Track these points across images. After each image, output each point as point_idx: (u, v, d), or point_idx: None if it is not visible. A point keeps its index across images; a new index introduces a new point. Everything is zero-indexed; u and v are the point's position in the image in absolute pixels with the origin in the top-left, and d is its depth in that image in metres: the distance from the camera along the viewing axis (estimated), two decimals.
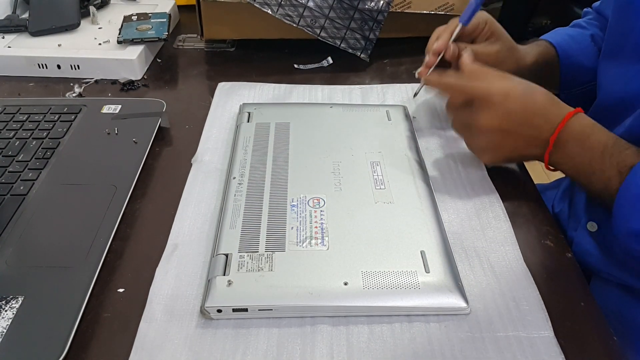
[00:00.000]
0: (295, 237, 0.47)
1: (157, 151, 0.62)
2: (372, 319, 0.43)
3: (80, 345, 0.41)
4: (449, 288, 0.43)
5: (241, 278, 0.43)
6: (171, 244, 0.49)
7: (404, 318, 0.43)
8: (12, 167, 0.57)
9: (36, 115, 0.65)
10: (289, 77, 0.77)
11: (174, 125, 0.66)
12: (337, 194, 0.52)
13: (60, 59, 0.76)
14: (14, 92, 0.74)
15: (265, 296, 0.43)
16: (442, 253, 0.46)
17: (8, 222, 0.50)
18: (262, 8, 0.75)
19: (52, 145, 0.60)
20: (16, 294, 0.43)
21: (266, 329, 0.42)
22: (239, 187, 0.53)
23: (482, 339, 0.41)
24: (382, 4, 0.78)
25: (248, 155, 0.57)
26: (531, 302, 0.44)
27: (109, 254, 0.48)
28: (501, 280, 0.46)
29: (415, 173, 0.55)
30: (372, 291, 0.43)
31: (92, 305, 0.44)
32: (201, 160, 0.60)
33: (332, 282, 0.43)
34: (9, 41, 0.81)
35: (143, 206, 0.54)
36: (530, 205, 0.55)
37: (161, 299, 0.44)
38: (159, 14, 0.85)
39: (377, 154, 0.58)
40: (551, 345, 0.41)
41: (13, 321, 0.41)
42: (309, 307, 0.43)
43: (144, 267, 0.47)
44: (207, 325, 0.42)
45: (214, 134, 0.64)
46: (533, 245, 0.50)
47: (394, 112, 0.65)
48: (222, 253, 0.46)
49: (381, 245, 0.47)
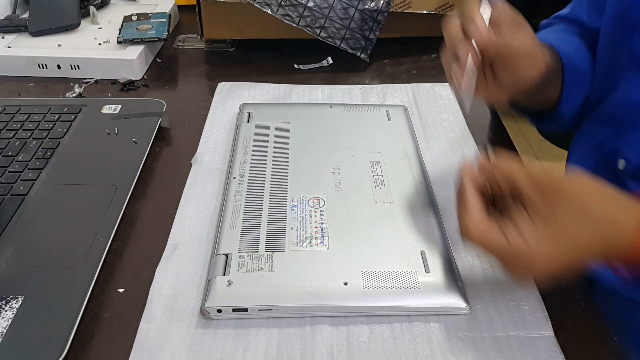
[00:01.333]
0: (295, 237, 0.47)
1: (157, 151, 0.62)
2: (372, 319, 0.43)
3: (80, 345, 0.41)
4: (449, 288, 0.43)
5: (241, 278, 0.43)
6: (171, 244, 0.49)
7: (404, 318, 0.43)
8: (12, 167, 0.57)
9: (36, 115, 0.65)
10: (289, 77, 0.77)
11: (174, 125, 0.66)
12: (337, 194, 0.52)
13: (60, 59, 0.76)
14: (14, 92, 0.74)
15: (265, 296, 0.43)
16: (442, 253, 0.46)
17: (8, 222, 0.50)
18: (262, 8, 0.75)
19: (52, 145, 0.60)
20: (16, 294, 0.43)
21: (266, 329, 0.42)
22: (239, 187, 0.53)
23: (482, 339, 0.41)
24: (382, 4, 0.78)
25: (248, 155, 0.57)
26: (531, 302, 0.44)
27: (109, 254, 0.48)
28: (501, 280, 0.46)
29: (415, 173, 0.55)
30: (372, 291, 0.43)
31: (92, 305, 0.44)
32: (201, 160, 0.60)
33: (332, 282, 0.43)
34: (9, 41, 0.81)
35: (143, 206, 0.54)
36: None
37: (161, 299, 0.44)
38: (159, 14, 0.85)
39: (377, 154, 0.58)
40: (551, 345, 0.41)
41: (13, 321, 0.41)
42: (309, 307, 0.43)
43: (144, 267, 0.47)
44: (207, 325, 0.42)
45: (214, 134, 0.64)
46: None
47: (394, 112, 0.65)
48: (222, 253, 0.46)
49: (381, 245, 0.47)
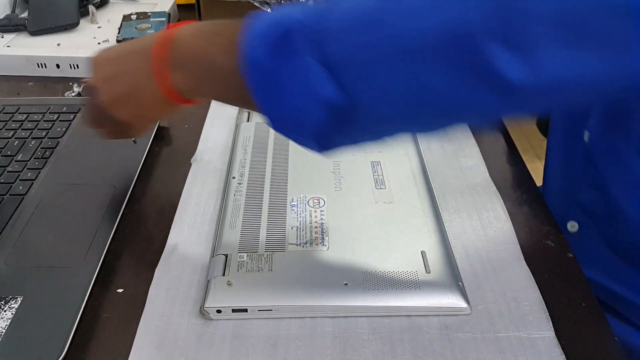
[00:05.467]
0: (295, 237, 0.47)
1: (156, 151, 0.62)
2: (372, 319, 0.43)
3: (79, 346, 0.41)
4: (450, 288, 0.43)
5: (241, 278, 0.43)
6: (171, 244, 0.49)
7: (405, 318, 0.43)
8: (11, 166, 0.57)
9: (35, 115, 0.64)
10: None
11: (174, 124, 0.66)
12: (337, 194, 0.52)
13: (60, 59, 0.76)
14: (13, 92, 0.74)
15: (265, 296, 0.42)
16: (443, 253, 0.46)
17: (7, 222, 0.50)
18: (261, 7, 0.75)
19: (51, 144, 0.60)
20: (15, 294, 0.43)
21: (266, 329, 0.42)
22: (239, 186, 0.53)
23: (483, 339, 0.41)
24: None
25: (248, 155, 0.57)
26: (532, 302, 0.44)
27: (109, 254, 0.48)
28: (502, 281, 0.46)
29: (416, 173, 0.55)
30: (372, 291, 0.43)
31: (91, 305, 0.44)
32: (201, 160, 0.60)
33: (332, 282, 0.43)
34: (8, 40, 0.80)
35: (142, 206, 0.54)
36: (531, 205, 0.54)
37: (160, 299, 0.44)
38: (158, 13, 0.85)
39: (377, 153, 0.57)
40: (552, 346, 0.41)
41: (12, 321, 0.41)
42: (309, 307, 0.42)
43: (144, 267, 0.47)
44: (206, 325, 0.42)
45: (214, 133, 0.64)
46: (534, 245, 0.50)
47: None
48: (222, 253, 0.46)
49: (381, 245, 0.46)
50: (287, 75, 0.35)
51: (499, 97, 0.30)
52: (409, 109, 0.34)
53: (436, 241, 0.47)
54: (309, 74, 0.33)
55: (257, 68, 0.36)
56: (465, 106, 0.32)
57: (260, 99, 0.36)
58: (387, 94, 0.33)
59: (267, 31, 0.35)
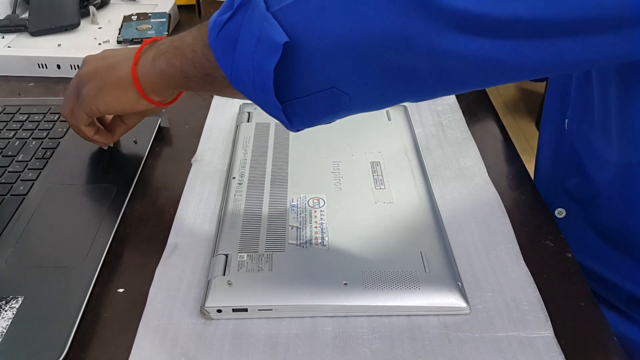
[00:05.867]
0: (295, 237, 0.47)
1: (157, 151, 0.62)
2: (372, 319, 0.43)
3: (80, 346, 0.41)
4: (449, 288, 0.43)
5: (241, 278, 0.43)
6: (171, 244, 0.49)
7: (404, 318, 0.43)
8: (12, 167, 0.57)
9: (36, 115, 0.65)
10: None
11: (174, 125, 0.66)
12: (337, 194, 0.52)
13: (60, 59, 0.76)
14: (13, 92, 0.74)
15: (265, 296, 0.43)
16: (442, 253, 0.46)
17: (8, 222, 0.50)
18: None
19: (52, 145, 0.60)
20: (16, 294, 0.43)
21: (266, 329, 0.42)
22: (239, 187, 0.53)
23: (482, 339, 0.41)
24: None
25: (248, 155, 0.57)
26: (531, 302, 0.44)
27: (109, 254, 0.48)
28: (501, 280, 0.46)
29: (415, 173, 0.55)
30: (372, 291, 0.43)
31: (92, 305, 0.44)
32: (201, 160, 0.60)
33: (332, 282, 0.43)
34: (9, 41, 0.81)
35: (143, 206, 0.54)
36: (531, 205, 0.55)
37: (161, 299, 0.44)
38: (158, 14, 0.85)
39: (377, 154, 0.58)
40: (551, 346, 0.41)
41: (13, 321, 0.41)
42: (309, 307, 0.43)
43: (144, 267, 0.47)
44: (207, 325, 0.42)
45: (214, 134, 0.64)
46: (533, 245, 0.50)
47: (394, 112, 0.65)
48: (222, 253, 0.46)
49: (381, 245, 0.47)
50: (238, 25, 0.38)
51: (433, 21, 0.32)
52: (351, 47, 0.35)
53: (435, 241, 0.47)
54: (256, 19, 0.36)
55: (215, 26, 0.40)
56: (403, 35, 0.34)
57: (219, 56, 0.40)
58: (331, 29, 0.35)
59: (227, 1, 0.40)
